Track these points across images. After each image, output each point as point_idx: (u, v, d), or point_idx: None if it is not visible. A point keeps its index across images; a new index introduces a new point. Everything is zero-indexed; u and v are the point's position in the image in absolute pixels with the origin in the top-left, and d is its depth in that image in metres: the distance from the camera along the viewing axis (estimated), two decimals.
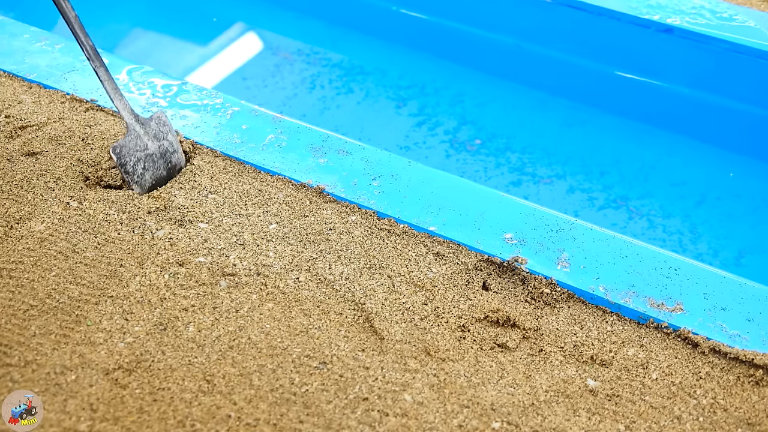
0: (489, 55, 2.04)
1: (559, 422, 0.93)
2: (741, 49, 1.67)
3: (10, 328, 1.01)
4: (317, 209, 1.20)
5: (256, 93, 1.96)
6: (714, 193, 1.68)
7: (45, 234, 1.14)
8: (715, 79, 1.77)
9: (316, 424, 0.91)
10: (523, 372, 0.98)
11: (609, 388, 0.97)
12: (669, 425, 0.93)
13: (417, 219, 1.17)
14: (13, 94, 1.41)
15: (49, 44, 1.54)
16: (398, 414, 0.93)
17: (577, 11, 1.83)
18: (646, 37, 1.77)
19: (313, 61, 2.06)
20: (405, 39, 2.11)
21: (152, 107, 1.38)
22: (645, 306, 1.05)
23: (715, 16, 1.75)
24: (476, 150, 1.78)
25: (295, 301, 1.06)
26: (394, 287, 1.08)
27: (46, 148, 1.28)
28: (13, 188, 1.21)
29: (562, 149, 1.79)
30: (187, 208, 1.19)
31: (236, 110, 1.39)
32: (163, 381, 0.95)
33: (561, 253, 1.12)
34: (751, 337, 1.01)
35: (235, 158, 1.28)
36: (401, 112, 1.89)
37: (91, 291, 1.06)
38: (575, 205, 1.65)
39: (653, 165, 1.75)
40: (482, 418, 0.93)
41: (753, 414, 0.94)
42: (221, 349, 0.99)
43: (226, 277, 1.09)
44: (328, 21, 2.21)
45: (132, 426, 0.91)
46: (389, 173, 1.26)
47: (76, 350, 0.98)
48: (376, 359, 0.99)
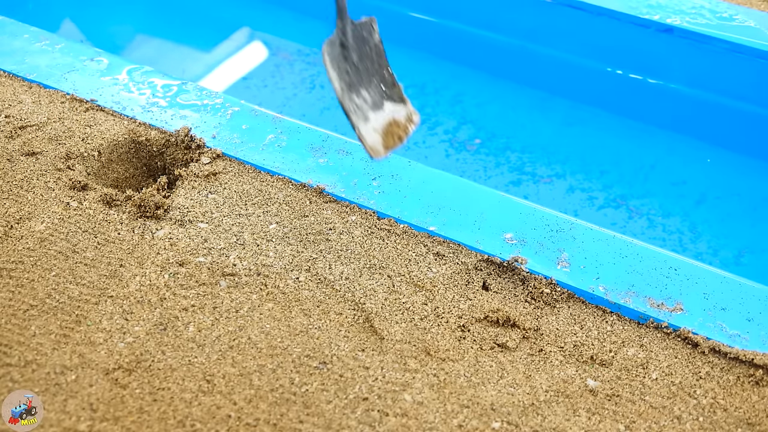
0: (489, 55, 2.04)
1: (559, 422, 0.93)
2: (741, 49, 1.67)
3: (10, 328, 1.01)
4: (317, 209, 1.20)
5: (256, 93, 1.96)
6: (714, 193, 1.68)
7: (45, 234, 1.14)
8: (715, 79, 1.77)
9: (316, 424, 0.91)
10: (523, 372, 0.98)
11: (609, 388, 0.97)
12: (669, 425, 0.93)
13: (417, 219, 1.17)
14: (13, 94, 1.41)
15: (49, 44, 1.54)
16: (398, 414, 0.93)
17: (577, 11, 1.82)
18: (646, 36, 1.77)
19: (313, 62, 2.06)
20: (405, 39, 2.11)
21: (152, 107, 1.38)
22: (645, 306, 1.05)
23: (715, 16, 1.75)
24: (476, 150, 1.78)
25: (295, 301, 1.06)
26: (394, 287, 1.08)
27: (46, 148, 1.28)
28: (13, 188, 1.21)
29: (561, 149, 1.79)
30: (187, 208, 1.19)
31: (236, 110, 1.39)
32: (163, 381, 0.95)
33: (561, 253, 1.12)
34: (751, 337, 1.01)
35: (235, 158, 1.28)
36: None
37: (91, 291, 1.06)
38: (575, 204, 1.65)
39: (653, 164, 1.75)
40: (482, 418, 0.93)
41: (753, 414, 0.94)
42: (221, 349, 0.99)
43: (226, 277, 1.09)
44: (328, 21, 2.21)
45: (132, 426, 0.91)
46: (389, 173, 1.26)
47: (76, 350, 0.98)
48: (376, 359, 0.99)
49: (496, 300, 1.07)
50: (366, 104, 0.97)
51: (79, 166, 1.26)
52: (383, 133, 0.97)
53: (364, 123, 0.95)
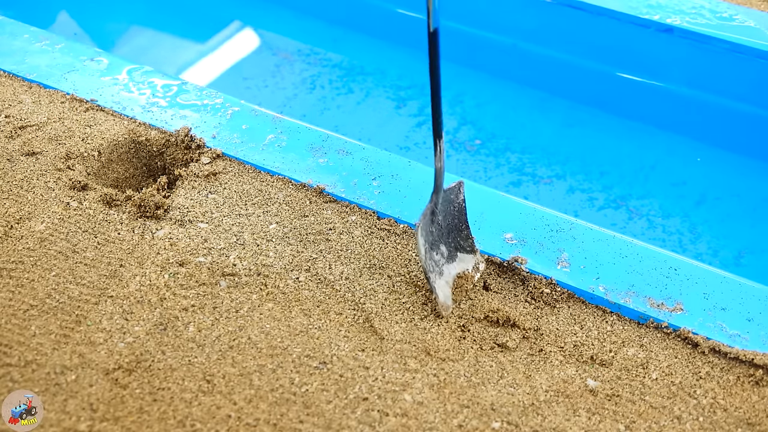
0: (489, 55, 2.04)
1: (559, 422, 0.93)
2: (741, 49, 1.67)
3: (10, 328, 1.01)
4: (317, 209, 1.20)
5: (256, 93, 1.96)
6: (713, 193, 1.68)
7: (45, 234, 1.14)
8: (715, 79, 1.76)
9: (316, 424, 0.91)
10: (523, 372, 0.98)
11: (609, 388, 0.97)
12: (669, 425, 0.93)
13: (417, 219, 1.17)
14: (13, 94, 1.41)
15: (49, 44, 1.54)
16: (398, 414, 0.93)
17: (576, 11, 1.82)
18: (646, 37, 1.77)
19: (313, 62, 2.06)
20: (405, 39, 2.11)
21: (152, 107, 1.38)
22: (645, 306, 1.05)
23: (715, 16, 1.75)
24: (476, 150, 1.78)
25: (295, 301, 1.06)
26: (394, 287, 1.08)
27: (46, 148, 1.28)
28: (13, 188, 1.21)
29: (561, 149, 1.79)
30: (187, 208, 1.19)
31: (236, 110, 1.39)
32: (163, 381, 0.95)
33: (561, 253, 1.12)
34: (751, 337, 1.01)
35: (235, 158, 1.28)
36: (401, 112, 1.89)
37: (91, 291, 1.06)
38: (575, 205, 1.65)
39: (653, 165, 1.75)
40: (482, 418, 0.93)
41: (753, 414, 0.94)
42: (221, 349, 0.99)
43: (226, 277, 1.09)
44: (328, 21, 2.21)
45: (132, 426, 0.91)
46: (389, 173, 1.26)
47: (76, 350, 0.98)
48: (376, 359, 0.99)
49: (496, 300, 1.07)
50: (443, 258, 1.05)
51: (79, 166, 1.26)
52: (453, 288, 1.06)
53: (438, 278, 1.03)
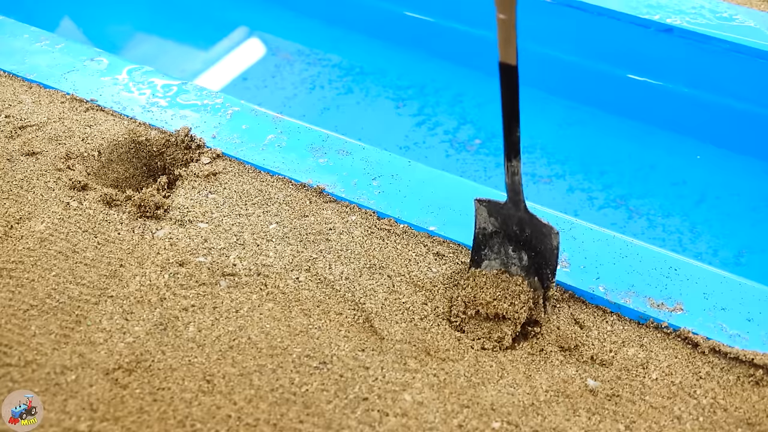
0: (489, 55, 2.03)
1: (559, 422, 0.93)
2: (741, 49, 1.67)
3: (10, 328, 1.01)
4: (317, 209, 1.20)
5: (256, 93, 1.96)
6: (713, 193, 1.68)
7: (45, 234, 1.14)
8: (715, 79, 1.76)
9: (316, 424, 0.91)
10: (523, 372, 0.98)
11: (609, 388, 0.97)
12: (669, 425, 0.93)
13: (417, 219, 1.17)
14: (13, 94, 1.41)
15: (49, 44, 1.54)
16: (398, 414, 0.93)
17: (576, 11, 1.82)
18: (646, 37, 1.76)
19: (313, 62, 2.06)
20: (404, 39, 2.11)
21: (152, 107, 1.38)
22: (645, 306, 1.05)
23: (715, 16, 1.75)
24: (476, 150, 1.78)
25: (295, 301, 1.06)
26: (394, 287, 1.08)
27: (46, 148, 1.28)
28: (13, 188, 1.21)
29: (561, 149, 1.79)
30: (187, 208, 1.19)
31: (236, 110, 1.39)
32: (163, 381, 0.95)
33: (561, 253, 1.12)
34: (751, 337, 1.01)
35: (235, 158, 1.28)
36: (401, 112, 1.89)
37: (91, 291, 1.06)
38: (575, 204, 1.65)
39: (653, 165, 1.75)
40: (482, 418, 0.93)
41: (753, 414, 0.94)
42: (221, 349, 0.99)
43: (226, 277, 1.09)
44: (328, 21, 2.21)
45: (132, 426, 0.91)
46: (389, 173, 1.26)
47: (76, 350, 0.98)
48: (376, 359, 0.99)
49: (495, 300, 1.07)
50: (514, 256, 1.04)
51: (79, 166, 1.26)
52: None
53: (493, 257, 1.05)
